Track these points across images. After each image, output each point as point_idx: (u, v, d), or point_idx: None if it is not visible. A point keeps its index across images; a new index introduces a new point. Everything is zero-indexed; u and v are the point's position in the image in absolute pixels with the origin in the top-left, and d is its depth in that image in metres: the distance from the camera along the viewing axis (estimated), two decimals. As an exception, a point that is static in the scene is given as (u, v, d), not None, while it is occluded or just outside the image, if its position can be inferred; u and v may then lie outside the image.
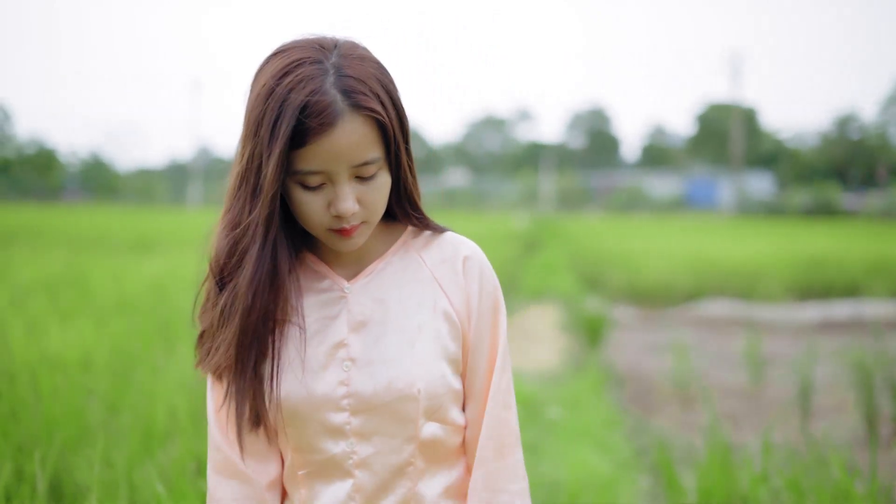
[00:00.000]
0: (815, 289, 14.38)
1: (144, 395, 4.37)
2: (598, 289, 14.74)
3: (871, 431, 5.56)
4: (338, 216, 1.47)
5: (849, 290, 14.10)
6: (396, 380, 1.51)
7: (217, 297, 1.52)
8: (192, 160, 70.24)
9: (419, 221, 1.61)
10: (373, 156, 1.45)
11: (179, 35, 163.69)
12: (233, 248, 1.49)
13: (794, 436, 5.41)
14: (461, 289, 1.59)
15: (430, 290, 1.59)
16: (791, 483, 3.24)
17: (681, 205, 61.02)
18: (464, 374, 1.61)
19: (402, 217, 1.61)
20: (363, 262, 1.61)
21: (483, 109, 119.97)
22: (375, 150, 1.46)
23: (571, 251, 21.08)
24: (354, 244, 1.51)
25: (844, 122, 65.19)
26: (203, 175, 68.00)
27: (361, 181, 1.47)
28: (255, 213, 1.46)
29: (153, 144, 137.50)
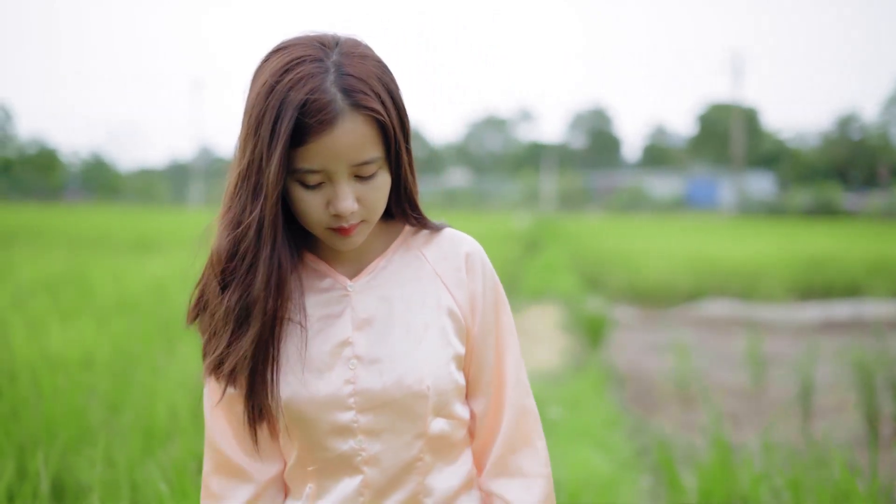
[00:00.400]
0: (816, 289, 14.38)
1: (145, 395, 4.37)
2: (599, 289, 14.74)
3: (872, 431, 5.56)
4: (337, 215, 1.46)
5: (850, 291, 14.10)
6: (405, 377, 1.52)
7: (220, 298, 1.50)
8: (193, 160, 70.29)
9: (417, 221, 1.61)
10: (372, 155, 1.45)
11: (180, 35, 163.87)
12: (234, 249, 1.48)
13: (795, 436, 5.42)
14: (464, 286, 1.59)
15: (434, 287, 1.59)
16: (792, 483, 3.24)
17: (682, 205, 61.01)
18: (468, 369, 1.62)
19: (401, 216, 1.61)
20: (363, 261, 1.60)
21: (484, 109, 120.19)
22: (375, 150, 1.45)
23: (572, 251, 21.08)
24: (353, 243, 1.51)
25: (845, 122, 65.18)
26: (204, 175, 68.02)
27: (361, 180, 1.47)
28: (258, 214, 1.44)
29: (154, 144, 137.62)
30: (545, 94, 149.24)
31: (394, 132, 1.47)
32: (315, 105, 1.40)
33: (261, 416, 1.53)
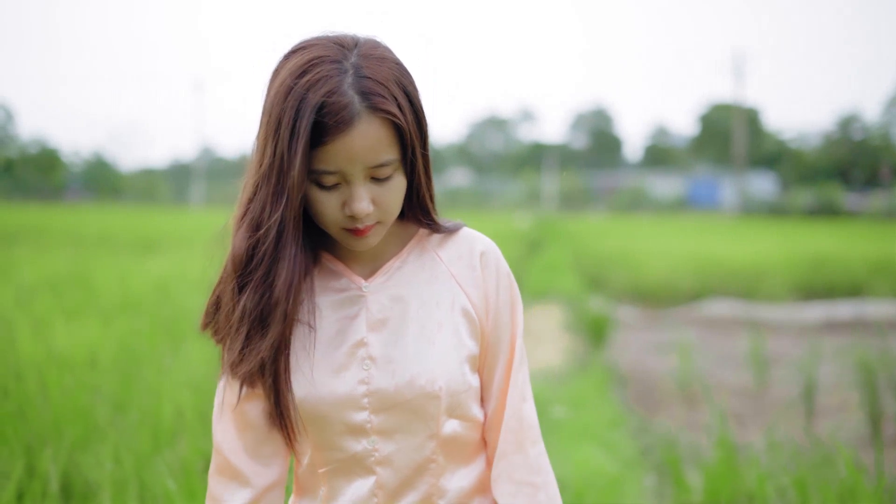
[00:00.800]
0: (819, 289, 14.38)
1: (151, 394, 4.38)
2: (601, 289, 14.75)
3: (875, 431, 5.57)
4: (352, 216, 1.46)
5: (852, 291, 14.11)
6: (418, 377, 1.51)
7: (236, 300, 1.50)
8: (195, 160, 70.30)
9: (429, 226, 1.60)
10: (388, 158, 1.45)
11: (181, 35, 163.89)
12: (254, 250, 1.48)
13: (799, 435, 5.42)
14: (479, 285, 1.59)
15: (448, 288, 1.58)
16: (797, 481, 3.25)
17: (683, 205, 60.99)
18: (482, 370, 1.61)
19: (411, 221, 1.61)
20: (379, 261, 1.60)
21: (486, 109, 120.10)
22: (391, 153, 1.45)
23: (574, 251, 21.08)
24: (368, 244, 1.51)
25: (847, 123, 65.14)
26: (206, 175, 68.02)
27: (377, 182, 1.46)
28: (280, 215, 1.44)
29: (156, 144, 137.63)
30: (547, 95, 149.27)
31: (410, 136, 1.46)
32: (332, 107, 1.40)
33: (285, 418, 1.53)
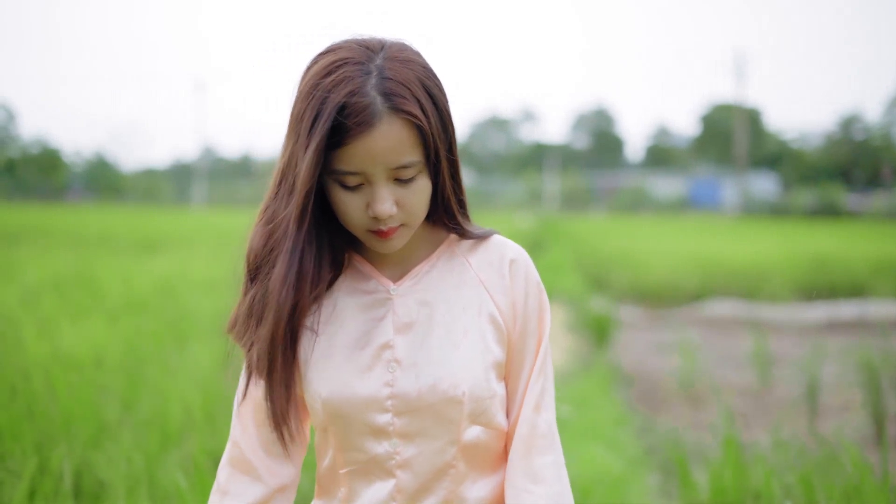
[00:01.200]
0: (821, 289, 14.39)
1: (158, 393, 4.41)
2: (604, 289, 14.76)
3: (879, 430, 5.59)
4: (375, 217, 1.46)
5: (854, 291, 14.12)
6: (441, 381, 1.51)
7: (250, 296, 1.52)
8: (197, 160, 70.33)
9: (455, 231, 1.59)
10: (411, 159, 1.44)
11: (182, 35, 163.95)
12: (266, 244, 1.49)
13: (802, 435, 5.44)
14: (506, 292, 1.58)
15: (476, 294, 1.58)
16: (803, 479, 3.26)
17: (685, 205, 60.99)
18: (507, 379, 1.60)
19: (441, 226, 1.60)
20: (408, 264, 1.60)
21: (487, 110, 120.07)
22: (414, 154, 1.45)
23: (576, 251, 21.09)
24: (393, 246, 1.51)
25: (849, 123, 65.12)
26: (207, 175, 68.06)
27: (400, 184, 1.46)
28: (289, 212, 1.46)
29: (157, 144, 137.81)
30: (548, 95, 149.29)
31: (433, 138, 1.46)
32: (354, 107, 1.40)
33: (285, 418, 1.53)
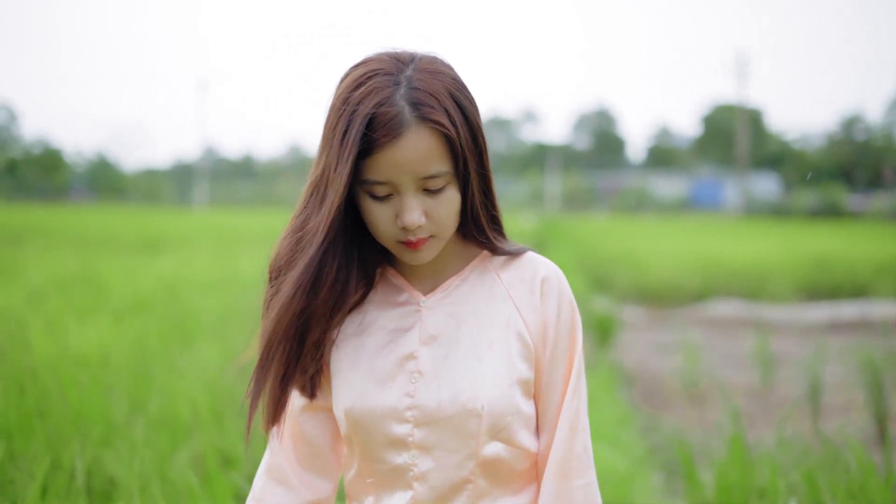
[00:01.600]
0: (823, 289, 14.42)
1: (166, 392, 4.43)
2: (606, 289, 14.77)
3: (882, 430, 5.61)
4: (404, 227, 1.46)
5: (856, 291, 14.13)
6: (460, 394, 1.50)
7: (266, 298, 1.54)
8: (198, 160, 70.34)
9: (486, 246, 1.58)
10: (439, 169, 1.45)
11: (183, 35, 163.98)
12: (292, 251, 1.50)
13: (806, 434, 5.46)
14: (536, 310, 1.56)
15: (505, 309, 1.56)
16: (808, 477, 3.29)
17: (686, 205, 60.97)
18: (537, 398, 1.58)
19: (473, 241, 1.59)
20: (440, 278, 1.60)
21: (488, 110, 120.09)
22: (443, 164, 1.45)
23: (578, 251, 21.10)
24: (423, 258, 1.51)
25: (850, 123, 65.08)
26: (209, 175, 68.06)
27: (429, 194, 1.46)
28: (317, 222, 1.46)
29: (158, 145, 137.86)
30: (549, 96, 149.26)
31: (462, 148, 1.46)
32: (383, 117, 1.41)
33: (276, 418, 1.55)
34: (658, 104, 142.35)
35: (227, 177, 78.42)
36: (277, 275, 1.52)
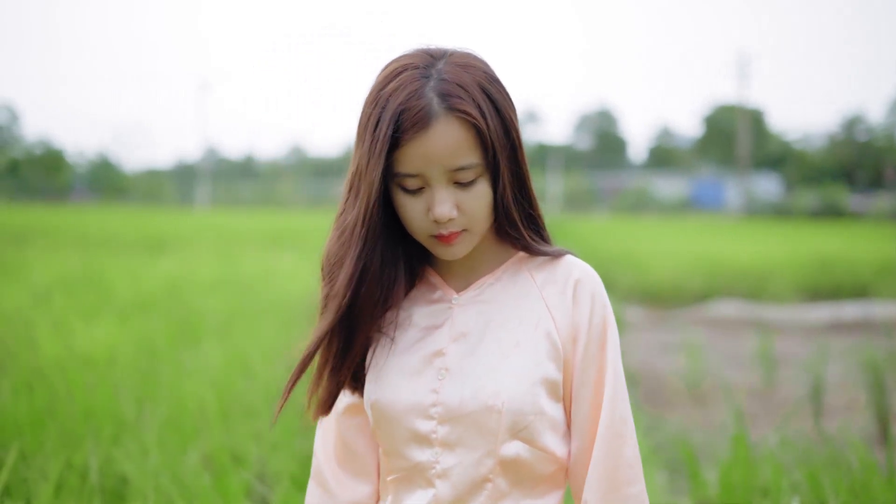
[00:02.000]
0: (825, 290, 14.43)
1: (173, 392, 4.47)
2: (608, 289, 14.60)
3: (883, 429, 5.64)
4: (436, 220, 1.46)
5: (858, 291, 14.15)
6: (482, 390, 1.49)
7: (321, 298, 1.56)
8: (200, 161, 70.38)
9: (520, 244, 1.57)
10: (469, 161, 1.44)
11: (183, 35, 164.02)
12: (338, 250, 1.51)
13: (808, 433, 5.49)
14: (568, 312, 1.55)
15: (535, 309, 1.55)
16: (810, 476, 3.32)
17: (687, 206, 60.97)
18: (568, 404, 1.56)
19: (505, 237, 1.57)
20: (475, 276, 1.59)
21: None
22: (472, 156, 1.45)
23: (580, 252, 20.98)
24: (455, 252, 1.50)
25: (852, 124, 65.08)
26: (211, 176, 68.09)
27: (460, 187, 1.46)
28: (355, 216, 1.47)
29: (160, 145, 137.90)
30: (551, 96, 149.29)
31: (491, 140, 1.45)
32: (411, 109, 1.42)
33: (328, 408, 1.57)
34: (659, 104, 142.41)
35: (229, 177, 78.43)
36: (329, 274, 1.54)
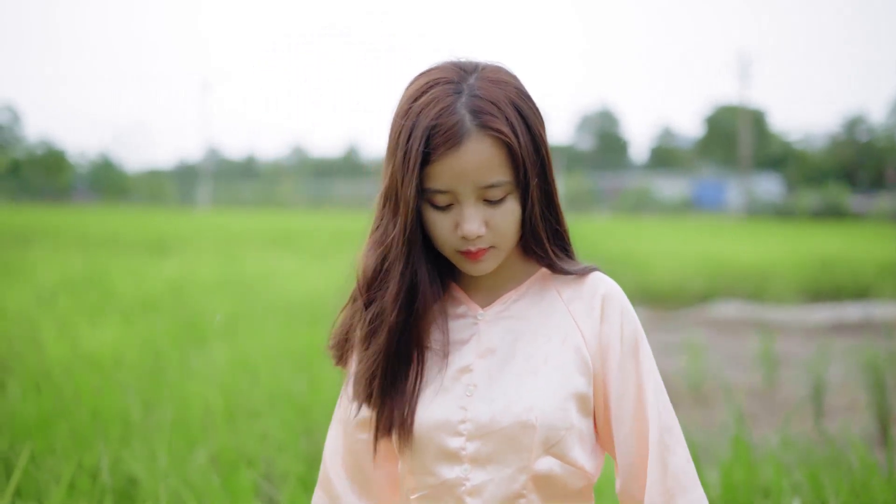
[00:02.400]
0: (826, 290, 14.44)
1: (178, 393, 4.49)
2: (610, 290, 14.77)
3: (884, 430, 5.66)
4: (464, 237, 1.46)
5: (859, 292, 14.15)
6: (514, 405, 1.49)
7: (365, 314, 1.53)
8: (201, 161, 70.37)
9: (544, 262, 1.57)
10: (499, 178, 1.44)
11: (184, 35, 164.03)
12: (379, 267, 1.50)
13: (809, 434, 5.51)
14: (595, 327, 1.54)
15: (563, 324, 1.55)
16: (811, 476, 3.34)
17: (689, 206, 60.93)
18: (601, 419, 1.56)
19: (530, 253, 1.57)
20: (500, 291, 1.59)
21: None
22: (503, 174, 1.45)
23: (581, 252, 21.10)
24: (482, 269, 1.50)
25: (853, 124, 65.03)
26: (212, 176, 68.08)
27: (489, 204, 1.46)
28: (395, 233, 1.47)
29: (161, 145, 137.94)
30: (552, 96, 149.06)
31: (522, 158, 1.45)
32: (444, 126, 1.42)
33: (387, 434, 1.53)
34: (660, 105, 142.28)
35: (230, 177, 78.39)
36: (367, 290, 1.53)
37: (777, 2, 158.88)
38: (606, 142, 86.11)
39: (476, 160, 1.43)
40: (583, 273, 1.58)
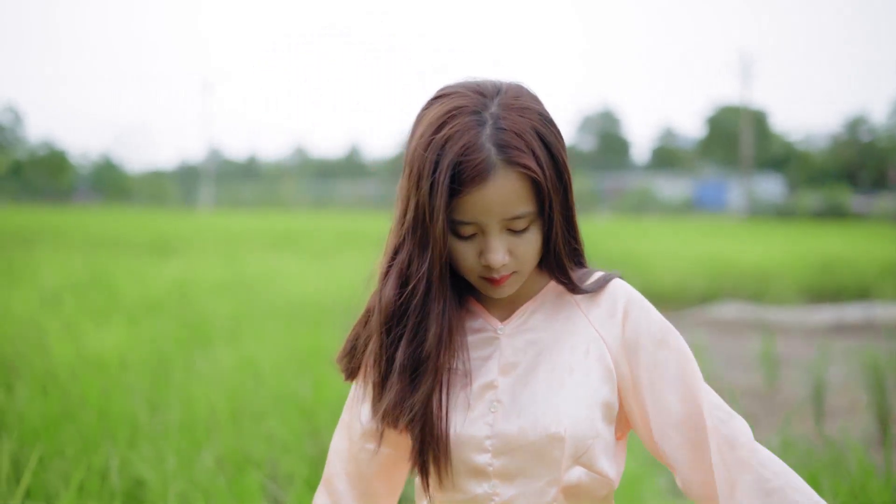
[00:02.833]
0: (827, 291, 14.46)
1: (184, 395, 4.53)
2: (611, 291, 14.77)
3: (884, 431, 5.69)
4: (488, 266, 1.47)
5: (861, 293, 14.17)
6: (542, 418, 1.49)
7: (387, 350, 1.52)
8: (203, 162, 70.42)
9: (567, 286, 1.57)
10: (524, 210, 1.45)
11: (184, 35, 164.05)
12: (404, 302, 1.50)
13: (810, 435, 5.54)
14: (618, 332, 1.55)
15: (585, 334, 1.56)
16: (811, 478, 3.37)
17: (690, 207, 60.93)
18: (643, 423, 1.56)
19: (549, 275, 1.58)
20: (516, 303, 1.59)
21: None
22: (527, 205, 1.46)
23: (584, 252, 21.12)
24: (504, 292, 1.52)
25: (855, 125, 65.00)
26: (214, 177, 68.14)
27: (513, 233, 1.47)
28: (427, 269, 1.47)
29: (163, 146, 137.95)
30: (552, 97, 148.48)
31: (548, 190, 1.46)
32: (470, 161, 1.41)
33: (434, 464, 1.52)
34: (662, 105, 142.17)
35: (232, 178, 78.44)
36: (389, 322, 1.52)
37: (778, 2, 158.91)
38: (608, 142, 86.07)
39: (502, 194, 1.44)
40: (599, 287, 1.58)
